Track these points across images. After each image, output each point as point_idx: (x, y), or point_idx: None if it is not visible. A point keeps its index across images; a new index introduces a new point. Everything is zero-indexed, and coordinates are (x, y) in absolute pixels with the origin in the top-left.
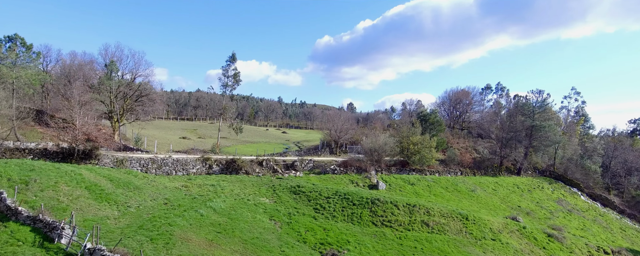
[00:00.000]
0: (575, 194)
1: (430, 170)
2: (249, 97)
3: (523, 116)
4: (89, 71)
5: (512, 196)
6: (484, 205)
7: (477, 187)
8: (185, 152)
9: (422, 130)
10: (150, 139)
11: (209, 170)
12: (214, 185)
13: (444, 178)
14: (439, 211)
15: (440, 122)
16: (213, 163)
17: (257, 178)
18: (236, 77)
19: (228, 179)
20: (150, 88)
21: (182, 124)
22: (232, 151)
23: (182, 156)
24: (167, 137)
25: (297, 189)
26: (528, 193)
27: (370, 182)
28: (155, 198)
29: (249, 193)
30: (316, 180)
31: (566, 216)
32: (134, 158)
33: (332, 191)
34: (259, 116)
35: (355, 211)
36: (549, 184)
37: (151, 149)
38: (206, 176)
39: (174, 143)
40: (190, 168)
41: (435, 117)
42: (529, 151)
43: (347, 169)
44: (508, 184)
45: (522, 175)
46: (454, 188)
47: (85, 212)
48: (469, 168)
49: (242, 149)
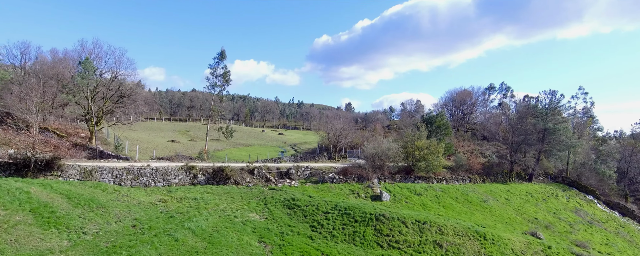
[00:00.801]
0: (591, 203)
1: (437, 178)
2: (246, 97)
3: (534, 118)
4: (63, 70)
5: (526, 207)
6: (499, 218)
7: (489, 197)
8: (168, 159)
9: (427, 134)
10: (135, 142)
11: (194, 180)
12: (197, 199)
13: (452, 187)
14: (453, 228)
15: (446, 126)
16: (198, 172)
17: (247, 189)
18: (226, 76)
19: (214, 190)
20: (133, 88)
21: (175, 125)
22: (222, 156)
23: (163, 165)
24: (154, 140)
25: (291, 202)
26: (543, 202)
27: (372, 192)
28: (122, 219)
29: (236, 208)
30: (313, 191)
31: (587, 229)
32: (106, 168)
33: (331, 204)
34: (255, 116)
35: (357, 229)
36: (563, 192)
37: (133, 155)
38: (190, 187)
39: (161, 147)
40: (172, 178)
41: (441, 120)
42: (541, 155)
43: (347, 177)
44: (520, 192)
45: (534, 181)
46: (464, 198)
47: (21, 245)
48: (478, 175)
49: (235, 154)
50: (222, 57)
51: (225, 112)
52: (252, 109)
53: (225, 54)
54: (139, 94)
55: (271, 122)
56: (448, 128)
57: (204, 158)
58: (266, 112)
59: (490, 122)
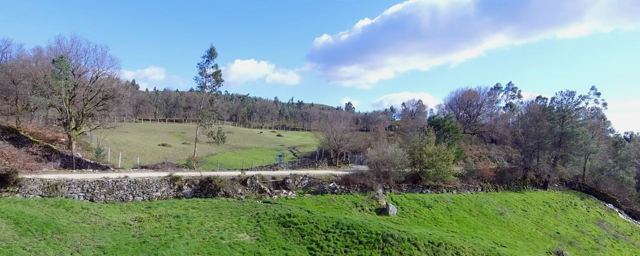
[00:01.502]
0: (612, 212)
1: (447, 186)
2: (245, 96)
3: (549, 121)
4: (36, 69)
5: (546, 219)
6: (519, 234)
7: (505, 208)
8: (153, 167)
9: (436, 138)
10: (122, 147)
11: (178, 193)
12: (180, 217)
13: (464, 197)
14: (472, 251)
15: (456, 129)
16: (183, 184)
17: (238, 203)
18: (217, 76)
19: (200, 205)
20: (116, 89)
21: (170, 127)
22: (215, 162)
23: (144, 175)
24: (144, 144)
25: (287, 219)
26: (562, 213)
27: (378, 205)
28: (81, 249)
29: (224, 227)
30: (312, 204)
31: (614, 245)
32: (75, 181)
33: (332, 221)
34: (253, 117)
35: (362, 253)
36: (581, 201)
37: (116, 162)
38: (173, 201)
39: (149, 152)
40: (154, 191)
41: (450, 123)
42: (557, 161)
43: (349, 187)
44: (537, 202)
45: (549, 189)
46: (478, 210)
47: None
48: (490, 182)
49: (229, 159)
50: (212, 55)
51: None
52: (251, 110)
53: (215, 51)
54: (124, 96)
55: (270, 122)
56: (458, 132)
57: (192, 166)
58: (265, 113)
59: (498, 124)
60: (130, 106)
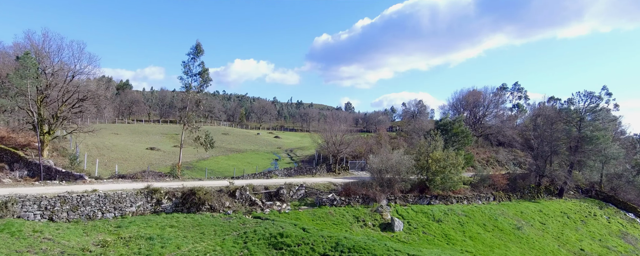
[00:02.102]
0: (634, 223)
1: (456, 196)
2: (243, 96)
3: (566, 124)
4: (1, 67)
5: (567, 232)
6: (540, 252)
7: (522, 221)
8: (132, 177)
9: (443, 143)
10: (105, 152)
11: (157, 207)
12: (153, 239)
13: (477, 208)
14: None
15: (466, 133)
16: (163, 197)
17: (225, 219)
18: (204, 75)
19: (180, 222)
20: (94, 89)
21: (164, 128)
22: (204, 168)
23: (117, 188)
24: (130, 148)
25: (279, 240)
26: (582, 224)
27: (382, 219)
28: None
29: (205, 251)
30: (308, 219)
31: None
32: (31, 197)
33: (331, 242)
34: (251, 117)
35: None
36: (600, 210)
37: (92, 169)
38: (150, 218)
39: (136, 157)
40: (127, 206)
41: (459, 126)
42: (573, 167)
43: (350, 198)
44: (554, 212)
45: (564, 197)
46: (493, 224)
47: None
48: (502, 191)
49: (221, 164)
50: (198, 51)
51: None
52: (248, 110)
53: (201, 48)
54: (103, 97)
55: (268, 123)
56: (468, 136)
57: (176, 174)
58: (262, 114)
59: (506, 126)
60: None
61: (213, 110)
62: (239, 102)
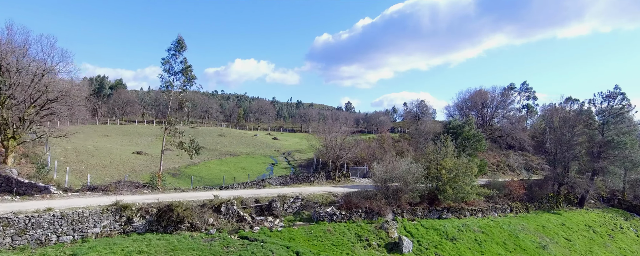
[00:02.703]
0: None
1: (470, 208)
2: (242, 96)
3: (586, 127)
4: None
5: (596, 250)
6: None
7: (545, 238)
8: (103, 189)
9: (454, 149)
10: (84, 157)
11: (127, 227)
12: None
13: (494, 223)
14: None
15: (478, 138)
16: (134, 214)
17: (206, 240)
18: (187, 72)
19: (152, 247)
20: (67, 89)
21: (157, 129)
22: (194, 175)
23: (80, 204)
24: (116, 152)
25: None
26: (609, 239)
27: (388, 237)
28: None
29: None
30: (304, 240)
31: None
32: None
33: None
34: (250, 117)
35: None
36: (626, 221)
37: (63, 179)
38: (116, 240)
39: (118, 163)
40: (90, 227)
41: (470, 129)
42: (595, 174)
43: (352, 212)
44: (578, 225)
45: (585, 207)
46: (514, 243)
47: None
48: (519, 201)
49: (213, 169)
50: (179, 47)
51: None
52: (247, 110)
53: (184, 43)
54: (78, 97)
55: (266, 124)
56: (481, 141)
57: (156, 184)
58: (261, 114)
59: (516, 128)
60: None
61: (210, 110)
62: (238, 102)
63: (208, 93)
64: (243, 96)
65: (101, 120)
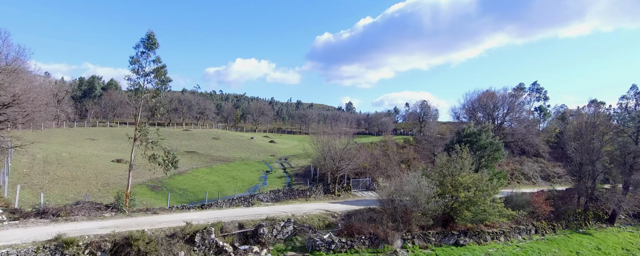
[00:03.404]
0: None
1: (490, 231)
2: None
3: (618, 135)
4: None
5: None
6: None
7: None
8: (53, 213)
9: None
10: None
11: None
12: None
13: (521, 252)
14: None
15: (496, 147)
16: (81, 252)
17: None
18: (160, 73)
19: None
20: (23, 92)
21: None
22: (177, 187)
23: (11, 237)
24: (93, 159)
25: None
26: None
27: None
28: None
29: None
30: None
31: None
32: None
33: None
34: (247, 119)
35: None
36: None
37: (13, 198)
38: None
39: (92, 174)
40: None
41: (487, 137)
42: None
43: (353, 239)
44: (615, 248)
45: (616, 224)
46: None
47: None
48: (545, 220)
49: (199, 180)
50: (150, 45)
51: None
52: (244, 111)
53: (155, 39)
54: (36, 100)
55: (264, 125)
56: (499, 150)
57: (122, 206)
58: (259, 115)
59: (530, 132)
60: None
61: (205, 112)
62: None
63: (205, 93)
64: (242, 96)
65: (90, 122)
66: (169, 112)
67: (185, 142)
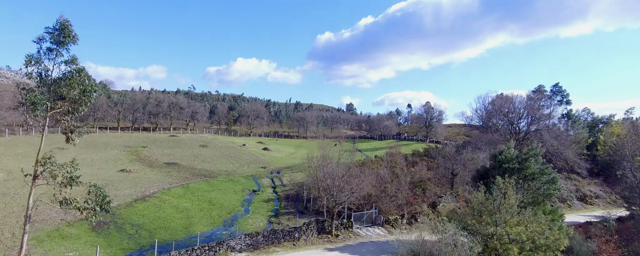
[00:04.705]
0: None
1: None
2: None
3: None
4: None
5: None
6: None
7: None
8: None
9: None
10: None
11: None
12: None
13: None
14: None
15: (552, 178)
16: None
17: None
18: (75, 81)
19: None
20: None
21: (131, 139)
22: (131, 221)
23: None
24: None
25: None
26: None
27: None
28: None
29: None
30: None
31: None
32: None
33: None
34: (243, 121)
35: None
36: None
37: None
38: None
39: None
40: None
41: (535, 163)
42: None
43: None
44: None
45: None
46: None
47: None
48: None
49: (165, 208)
50: (63, 38)
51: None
52: (240, 113)
53: (70, 31)
54: None
55: (260, 128)
56: (555, 182)
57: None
58: (254, 118)
59: (562, 145)
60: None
61: (195, 115)
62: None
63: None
64: (240, 96)
65: None
66: (154, 115)
67: (168, 150)
